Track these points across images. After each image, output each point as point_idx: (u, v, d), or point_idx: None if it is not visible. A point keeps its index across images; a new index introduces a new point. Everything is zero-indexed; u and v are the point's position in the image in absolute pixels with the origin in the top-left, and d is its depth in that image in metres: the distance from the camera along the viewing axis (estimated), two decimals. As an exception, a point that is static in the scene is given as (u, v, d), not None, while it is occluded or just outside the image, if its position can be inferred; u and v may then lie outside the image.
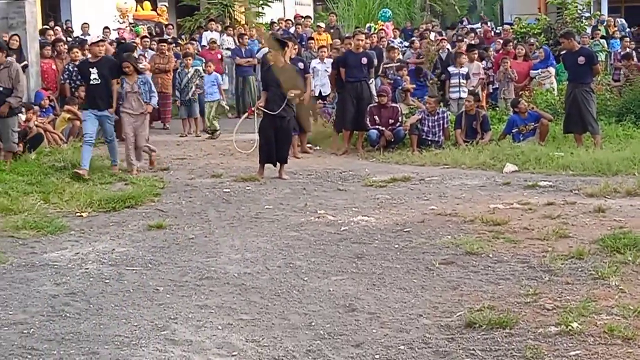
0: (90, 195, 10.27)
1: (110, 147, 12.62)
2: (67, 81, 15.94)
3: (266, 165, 12.03)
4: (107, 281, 6.97)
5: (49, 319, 6.02)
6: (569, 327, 5.43)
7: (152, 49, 18.91)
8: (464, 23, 33.45)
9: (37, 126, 13.49)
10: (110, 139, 12.56)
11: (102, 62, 12.47)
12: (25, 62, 15.08)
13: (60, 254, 7.87)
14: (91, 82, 12.37)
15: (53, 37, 17.90)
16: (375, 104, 14.53)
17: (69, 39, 20.50)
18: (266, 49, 17.23)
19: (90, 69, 12.37)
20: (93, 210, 9.76)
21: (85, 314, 6.14)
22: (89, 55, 13.20)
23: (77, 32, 21.68)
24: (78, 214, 9.58)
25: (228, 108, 17.70)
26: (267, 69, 12.64)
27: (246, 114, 12.30)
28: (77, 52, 15.73)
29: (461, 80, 16.26)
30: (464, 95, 15.58)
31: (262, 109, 11.84)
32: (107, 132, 12.55)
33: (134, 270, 7.29)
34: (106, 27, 21.37)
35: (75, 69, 15.31)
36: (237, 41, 20.98)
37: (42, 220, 9.10)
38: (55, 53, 16.35)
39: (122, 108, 12.49)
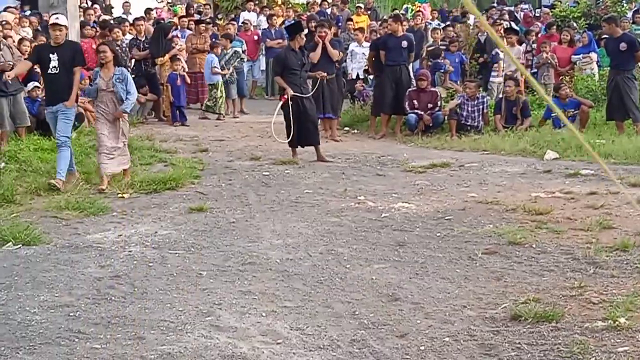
0: (131, 177, 10.34)
1: (59, 154, 9.98)
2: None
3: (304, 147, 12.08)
4: (150, 264, 7.01)
5: (95, 302, 6.07)
6: (616, 322, 5.37)
7: (190, 29, 18.93)
8: (499, 5, 33.07)
9: (77, 106, 13.54)
10: (61, 139, 9.98)
11: (64, 47, 10.16)
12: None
13: (104, 236, 7.93)
14: (49, 71, 10.12)
15: (93, 17, 17.95)
16: (414, 88, 14.47)
17: (107, 17, 20.59)
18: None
19: (50, 55, 10.06)
20: (134, 192, 9.84)
21: (130, 298, 6.18)
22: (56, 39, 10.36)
23: (118, 11, 21.75)
24: (119, 195, 9.64)
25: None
26: (287, 53, 12.40)
27: (281, 103, 12.09)
28: (118, 32, 15.74)
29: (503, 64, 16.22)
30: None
31: (295, 95, 11.82)
32: (59, 129, 10.05)
33: (176, 253, 7.33)
34: (149, 9, 21.42)
35: (116, 48, 15.33)
36: (267, 22, 20.96)
37: (84, 200, 9.18)
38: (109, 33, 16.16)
39: (97, 107, 10.45)
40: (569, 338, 5.23)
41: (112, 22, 18.01)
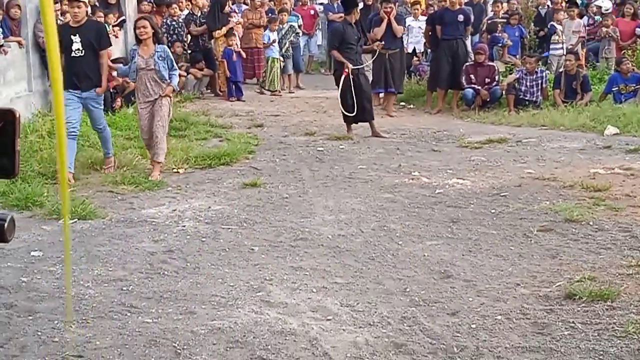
0: (186, 152, 10.39)
1: (102, 137, 9.79)
2: (165, 36, 16.03)
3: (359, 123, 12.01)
4: (203, 239, 7.04)
5: (148, 277, 6.12)
6: (674, 303, 5.25)
7: (246, 4, 18.90)
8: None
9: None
10: (100, 127, 9.68)
11: (86, 27, 9.41)
12: (123, 17, 15.28)
13: (158, 211, 7.99)
14: (73, 54, 9.26)
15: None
16: (472, 62, 14.27)
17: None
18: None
19: (72, 37, 9.23)
20: (189, 167, 9.89)
21: (182, 272, 6.21)
22: (69, 19, 9.81)
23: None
24: (175, 170, 9.70)
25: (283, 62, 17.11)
26: (345, 27, 12.19)
27: (343, 77, 11.92)
28: (175, 8, 15.79)
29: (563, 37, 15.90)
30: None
31: (354, 67, 11.76)
32: (95, 120, 9.61)
33: (229, 228, 7.35)
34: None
35: (173, 23, 15.43)
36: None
37: (140, 175, 9.26)
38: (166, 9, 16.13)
39: (136, 89, 9.71)
40: (624, 317, 5.12)
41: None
